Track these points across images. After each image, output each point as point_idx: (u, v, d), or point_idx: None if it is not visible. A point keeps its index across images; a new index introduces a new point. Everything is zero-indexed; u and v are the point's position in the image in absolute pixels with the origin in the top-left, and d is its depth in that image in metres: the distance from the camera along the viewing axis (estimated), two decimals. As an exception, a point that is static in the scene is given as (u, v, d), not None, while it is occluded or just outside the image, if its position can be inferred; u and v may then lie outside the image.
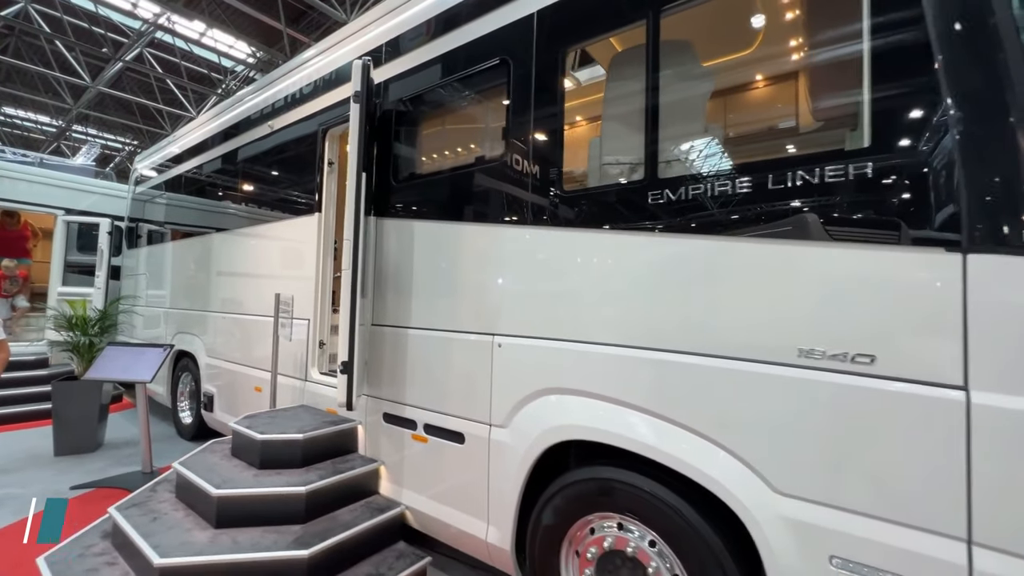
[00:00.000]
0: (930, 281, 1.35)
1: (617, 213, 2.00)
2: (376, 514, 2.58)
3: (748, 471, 1.61)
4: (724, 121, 1.99)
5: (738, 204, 1.68)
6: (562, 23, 2.21)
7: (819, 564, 1.47)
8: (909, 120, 1.42)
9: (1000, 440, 1.25)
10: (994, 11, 1.32)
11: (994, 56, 1.31)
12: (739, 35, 2.10)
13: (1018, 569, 1.22)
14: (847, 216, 1.49)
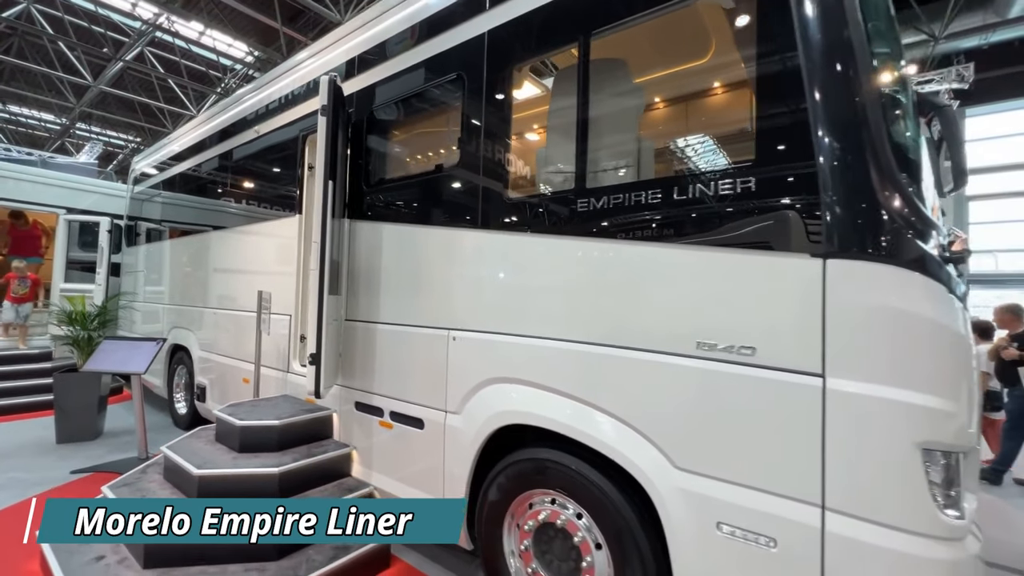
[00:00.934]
0: (797, 282, 1.55)
1: (551, 219, 2.20)
2: (345, 494, 2.81)
3: (655, 449, 1.82)
4: (638, 137, 2.18)
5: (648, 213, 1.88)
6: (509, 43, 2.41)
7: (709, 530, 1.68)
8: (784, 142, 1.62)
9: (847, 420, 1.46)
10: (854, 56, 1.50)
11: (852, 93, 1.50)
12: (655, 61, 2.28)
13: (858, 529, 1.43)
14: (734, 224, 1.69)
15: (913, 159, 1.68)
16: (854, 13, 1.54)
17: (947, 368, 1.44)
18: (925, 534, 1.38)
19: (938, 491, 1.42)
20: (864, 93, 1.49)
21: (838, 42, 1.53)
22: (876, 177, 1.46)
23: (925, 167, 1.83)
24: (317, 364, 2.66)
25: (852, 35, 1.52)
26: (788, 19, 1.59)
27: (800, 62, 1.57)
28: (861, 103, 1.49)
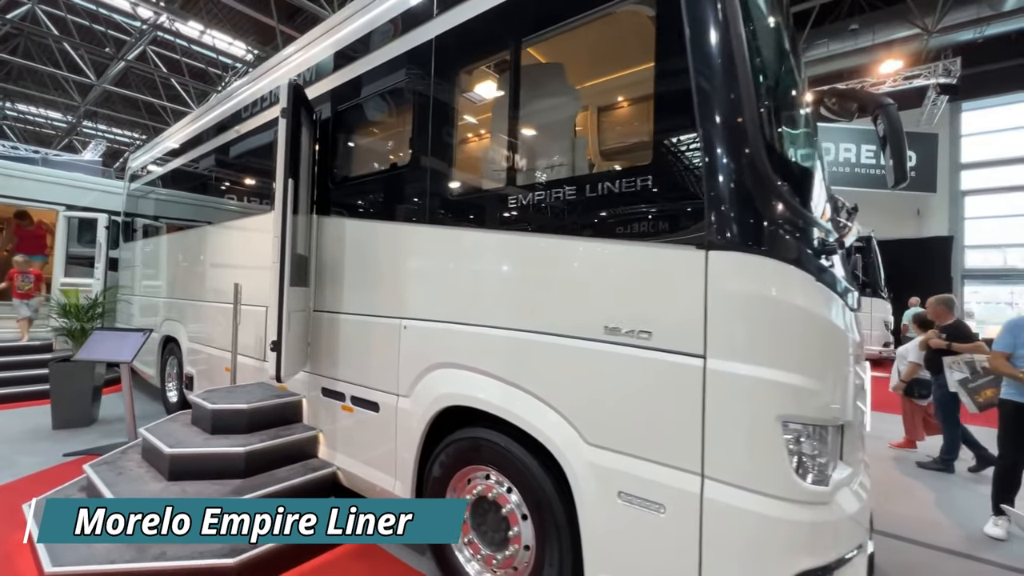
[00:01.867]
0: (685, 272, 1.70)
1: (480, 214, 2.36)
2: (309, 473, 3.00)
3: (569, 426, 1.98)
4: (558, 139, 2.33)
5: (563, 209, 2.03)
6: (453, 48, 2.56)
7: (611, 499, 1.84)
8: (675, 147, 1.76)
9: (722, 396, 1.61)
10: (735, 72, 1.63)
11: (730, 107, 1.64)
12: (574, 72, 2.42)
13: (729, 494, 1.58)
14: (635, 219, 1.84)
15: (794, 163, 1.82)
16: (738, 33, 1.66)
17: (809, 349, 1.59)
18: (784, 498, 1.53)
19: (798, 459, 1.57)
20: (741, 108, 1.61)
21: (720, 58, 1.65)
22: (749, 178, 1.61)
23: (808, 170, 1.96)
24: (278, 351, 2.84)
25: (734, 53, 1.64)
26: (681, 35, 1.72)
27: (690, 74, 1.70)
28: (737, 116, 1.62)
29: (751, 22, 1.75)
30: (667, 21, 1.77)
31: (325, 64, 3.34)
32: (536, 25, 2.17)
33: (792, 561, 1.53)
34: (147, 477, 2.87)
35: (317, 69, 3.40)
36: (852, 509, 1.71)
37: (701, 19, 1.69)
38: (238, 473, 2.83)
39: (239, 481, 2.79)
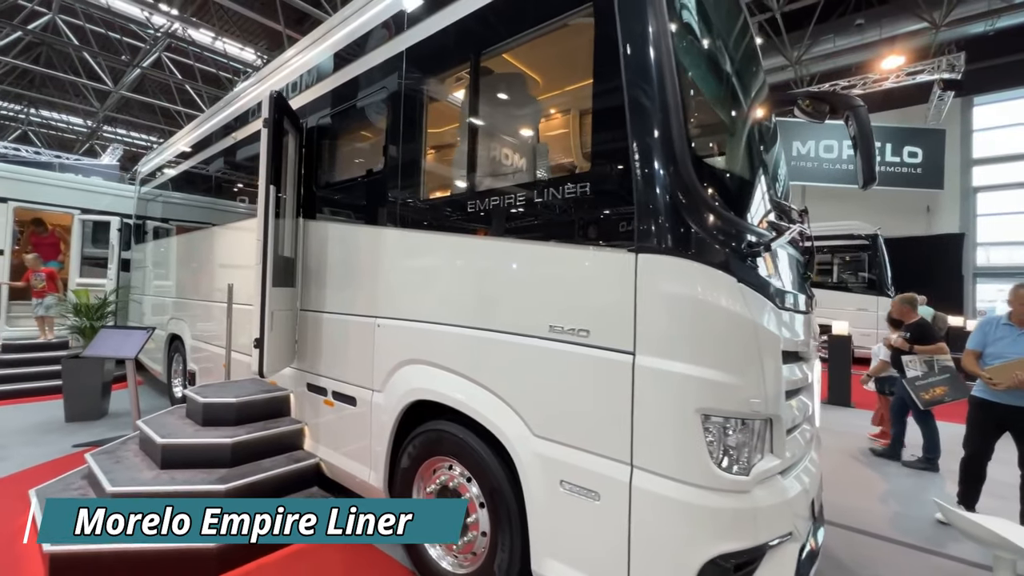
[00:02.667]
0: (617, 273, 1.80)
1: (445, 218, 2.49)
2: (293, 463, 3.17)
3: (519, 419, 2.10)
4: (511, 148, 2.44)
5: (514, 214, 2.15)
6: (421, 60, 2.69)
7: (554, 487, 1.95)
8: (609, 156, 1.86)
9: (648, 390, 1.71)
10: (663, 87, 1.73)
11: (657, 120, 1.73)
12: (530, 85, 2.53)
13: (654, 482, 1.69)
14: (576, 223, 1.95)
15: (722, 171, 1.91)
16: (667, 50, 1.75)
17: (728, 347, 1.68)
18: (703, 486, 1.63)
19: (720, 450, 1.66)
20: (667, 121, 1.70)
21: (647, 74, 1.75)
22: (673, 186, 1.70)
23: (738, 177, 2.04)
24: (260, 347, 3.01)
25: (662, 70, 1.73)
26: (614, 51, 1.82)
27: (622, 88, 1.80)
28: (662, 127, 1.71)
29: (685, 38, 1.84)
30: (603, 38, 1.87)
31: (307, 76, 3.51)
32: (489, 40, 2.29)
33: (710, 545, 1.63)
34: (142, 465, 3.06)
35: (301, 80, 3.57)
36: (778, 499, 1.80)
37: (632, 37, 1.79)
38: (225, 463, 3.00)
39: (226, 470, 2.96)
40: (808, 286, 2.75)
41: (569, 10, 1.99)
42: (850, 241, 11.64)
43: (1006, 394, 3.12)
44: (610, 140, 1.86)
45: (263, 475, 2.96)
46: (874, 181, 3.10)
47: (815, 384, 2.46)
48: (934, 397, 4.03)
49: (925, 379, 4.14)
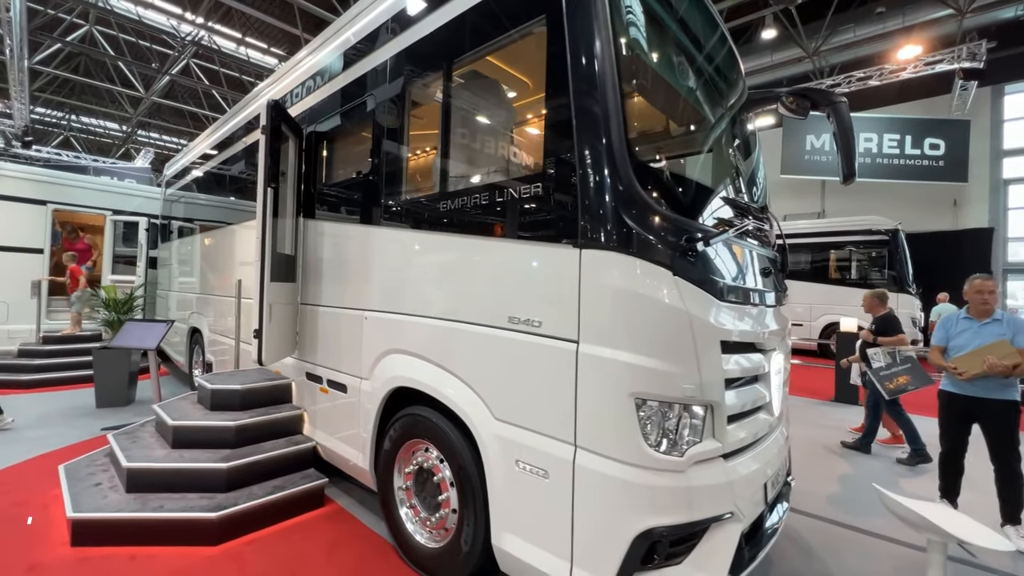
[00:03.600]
0: (564, 267, 1.94)
1: (422, 217, 2.66)
2: (292, 446, 3.41)
3: (483, 404, 2.26)
4: (479, 150, 2.58)
5: (478, 212, 2.31)
6: (392, 75, 2.87)
7: (511, 467, 2.11)
8: (558, 160, 1.99)
9: (589, 375, 1.84)
10: (605, 102, 1.85)
11: (598, 130, 1.85)
12: (496, 91, 2.67)
13: (594, 461, 1.82)
14: (530, 221, 2.09)
15: (665, 172, 2.01)
16: (610, 64, 1.87)
17: (661, 335, 1.80)
18: (636, 464, 1.76)
19: (655, 431, 1.79)
20: (607, 126, 1.83)
21: (591, 84, 1.87)
22: (612, 186, 1.82)
23: (683, 177, 2.13)
24: (259, 338, 3.25)
25: (604, 79, 1.85)
26: (561, 60, 1.95)
27: (568, 95, 1.93)
28: (603, 135, 1.83)
29: (631, 50, 1.96)
30: (552, 50, 2.00)
31: (304, 85, 3.75)
32: (456, 53, 2.45)
33: (642, 519, 1.75)
34: (155, 445, 3.35)
35: (295, 92, 3.82)
36: (717, 480, 1.91)
37: (577, 51, 1.91)
38: (229, 443, 3.27)
39: (229, 450, 3.22)
40: (778, 281, 2.81)
41: (525, 22, 2.13)
42: (868, 237, 11.34)
43: (971, 385, 3.16)
44: (559, 144, 1.99)
45: (262, 456, 3.21)
46: (853, 177, 3.14)
47: (779, 374, 2.53)
48: (898, 386, 4.21)
49: (888, 369, 4.32)
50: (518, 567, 2.09)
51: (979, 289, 3.23)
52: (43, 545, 2.75)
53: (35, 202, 7.55)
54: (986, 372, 3.02)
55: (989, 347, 3.09)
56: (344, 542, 2.89)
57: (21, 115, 12.38)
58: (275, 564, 2.63)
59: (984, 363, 3.03)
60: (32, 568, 2.53)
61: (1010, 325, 3.15)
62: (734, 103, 2.86)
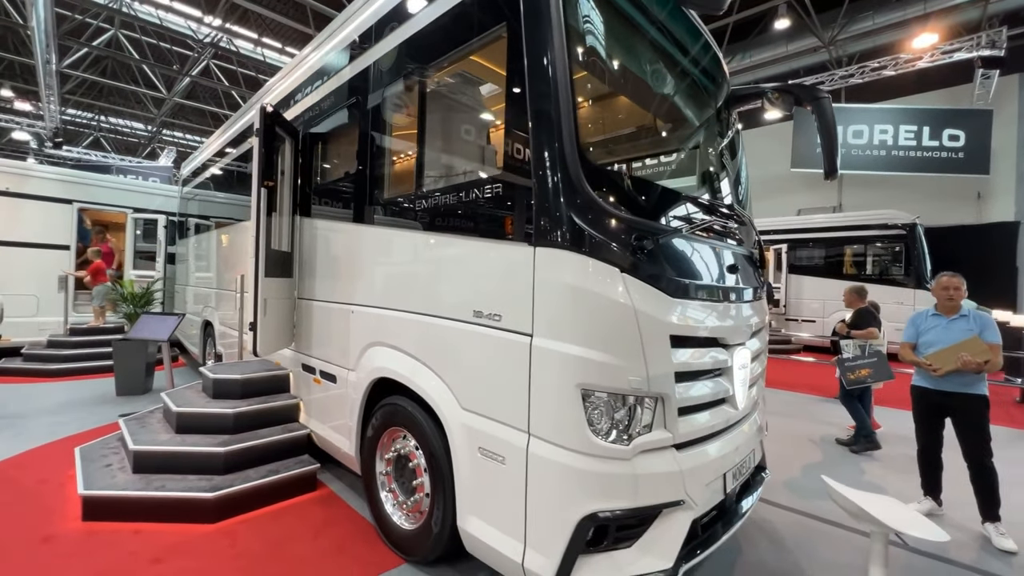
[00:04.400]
0: (521, 264, 2.03)
1: (398, 215, 2.78)
2: (287, 433, 3.59)
3: (451, 394, 2.38)
4: (448, 151, 2.68)
5: (445, 211, 2.42)
6: (374, 79, 2.99)
7: (474, 453, 2.22)
8: (516, 162, 2.08)
9: (541, 367, 1.94)
10: (558, 108, 1.93)
11: (551, 134, 1.93)
12: (460, 100, 2.76)
13: (545, 448, 1.92)
14: (492, 220, 2.19)
15: (616, 173, 2.09)
16: (564, 71, 1.94)
17: (607, 329, 1.88)
18: (581, 452, 1.85)
19: (599, 420, 1.87)
20: (559, 131, 1.91)
21: (544, 91, 1.95)
22: (562, 187, 1.91)
23: (636, 178, 2.19)
24: (254, 330, 3.44)
25: (557, 87, 1.93)
26: (521, 72, 2.04)
27: (524, 100, 2.02)
28: (555, 139, 1.92)
29: (587, 59, 2.03)
30: (511, 57, 2.09)
31: (298, 90, 3.92)
32: (426, 61, 2.56)
33: (586, 503, 1.85)
34: (161, 430, 3.58)
35: (295, 94, 3.98)
36: (665, 469, 1.99)
37: (533, 60, 1.99)
38: (228, 429, 3.47)
39: (228, 436, 3.42)
40: (750, 277, 2.85)
41: (487, 30, 2.22)
42: (885, 231, 11.05)
43: (942, 380, 3.21)
44: (516, 148, 2.08)
45: (258, 441, 3.40)
46: (835, 173, 3.16)
47: (744, 369, 2.57)
48: (858, 378, 4.41)
49: (855, 361, 4.49)
50: (480, 548, 2.21)
51: (945, 286, 3.32)
52: (58, 519, 2.99)
53: (61, 201, 7.97)
54: (960, 368, 3.05)
55: (963, 344, 3.12)
56: (331, 523, 3.06)
57: (52, 117, 12.96)
58: (264, 541, 2.81)
59: (958, 360, 3.06)
60: (47, 539, 2.77)
61: (976, 321, 3.24)
62: (703, 103, 2.90)
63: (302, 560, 2.65)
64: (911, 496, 3.53)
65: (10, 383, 6.55)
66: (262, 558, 2.65)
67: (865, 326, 4.81)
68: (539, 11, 1.99)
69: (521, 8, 2.04)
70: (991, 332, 3.16)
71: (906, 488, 3.74)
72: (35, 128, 15.21)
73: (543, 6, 1.98)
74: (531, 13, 2.01)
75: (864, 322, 4.86)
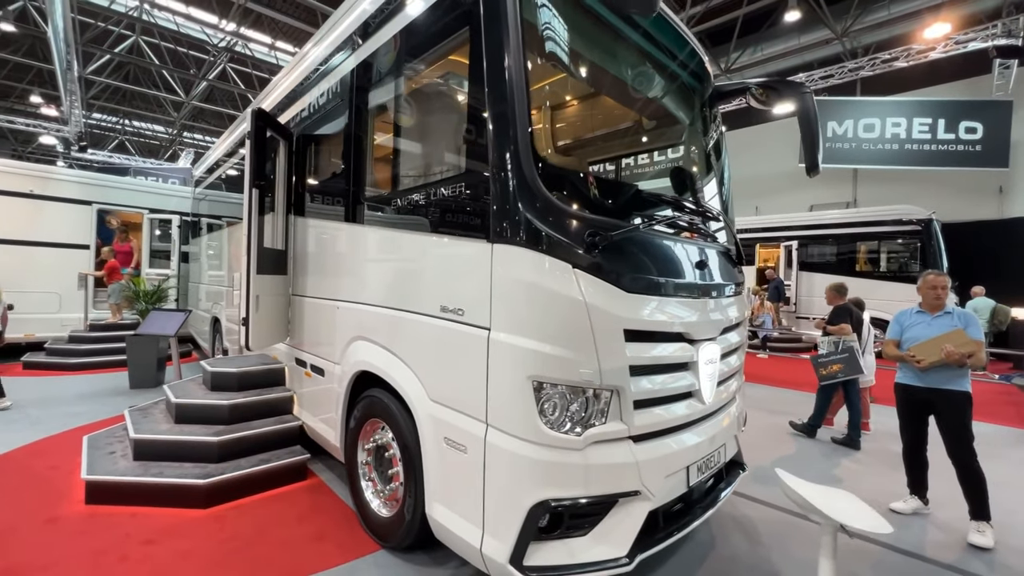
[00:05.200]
0: (480, 261, 2.11)
1: (374, 214, 2.88)
2: (280, 424, 3.74)
3: (421, 385, 2.46)
4: (418, 155, 2.77)
5: (414, 210, 2.50)
6: (351, 86, 3.09)
7: (440, 443, 2.31)
8: (476, 164, 2.15)
9: (497, 360, 2.01)
10: (513, 113, 1.99)
11: (506, 138, 2.00)
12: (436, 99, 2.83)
13: (501, 438, 1.99)
14: (456, 219, 2.26)
15: (570, 173, 2.14)
16: (519, 78, 2.00)
17: (559, 323, 1.94)
18: (533, 441, 1.92)
19: (553, 411, 1.94)
20: (513, 134, 1.97)
21: (500, 97, 2.02)
22: (517, 186, 1.97)
23: (586, 178, 2.24)
24: (246, 325, 3.58)
25: (512, 93, 1.99)
26: (481, 79, 2.11)
27: (484, 106, 2.08)
28: (510, 152, 1.98)
29: (545, 66, 2.09)
30: (473, 61, 2.16)
31: (289, 95, 4.07)
32: (394, 72, 2.65)
33: (537, 491, 1.92)
34: (162, 420, 3.76)
35: (288, 98, 4.12)
36: (620, 460, 2.04)
37: (492, 66, 2.06)
38: (223, 420, 3.63)
39: (223, 426, 3.58)
40: (721, 273, 2.86)
41: (448, 38, 2.30)
42: (899, 227, 10.78)
43: (926, 376, 3.18)
44: (476, 150, 2.15)
45: (251, 432, 3.55)
46: (816, 169, 3.15)
47: (711, 364, 2.59)
48: (830, 373, 4.56)
49: (827, 357, 4.61)
50: (445, 534, 2.30)
51: (932, 285, 3.31)
52: (63, 502, 3.18)
53: (81, 202, 8.33)
54: (943, 360, 3.02)
55: (946, 336, 3.09)
56: (317, 510, 3.18)
57: (76, 122, 13.49)
58: (252, 525, 2.95)
59: (942, 351, 3.03)
60: (50, 520, 2.95)
61: (960, 318, 3.22)
62: (665, 101, 2.92)
63: (284, 543, 2.77)
64: (894, 494, 3.50)
65: (34, 376, 6.90)
66: (248, 541, 2.79)
67: (836, 322, 4.90)
68: (497, 22, 2.05)
69: (481, 17, 2.11)
70: (974, 329, 3.14)
71: (890, 485, 3.70)
72: (61, 132, 15.82)
73: (501, 15, 2.04)
74: (490, 23, 2.07)
75: (837, 318, 4.94)
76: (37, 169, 8.37)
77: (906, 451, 3.39)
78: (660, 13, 2.72)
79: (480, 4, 2.11)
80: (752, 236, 12.80)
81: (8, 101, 20.50)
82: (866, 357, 4.91)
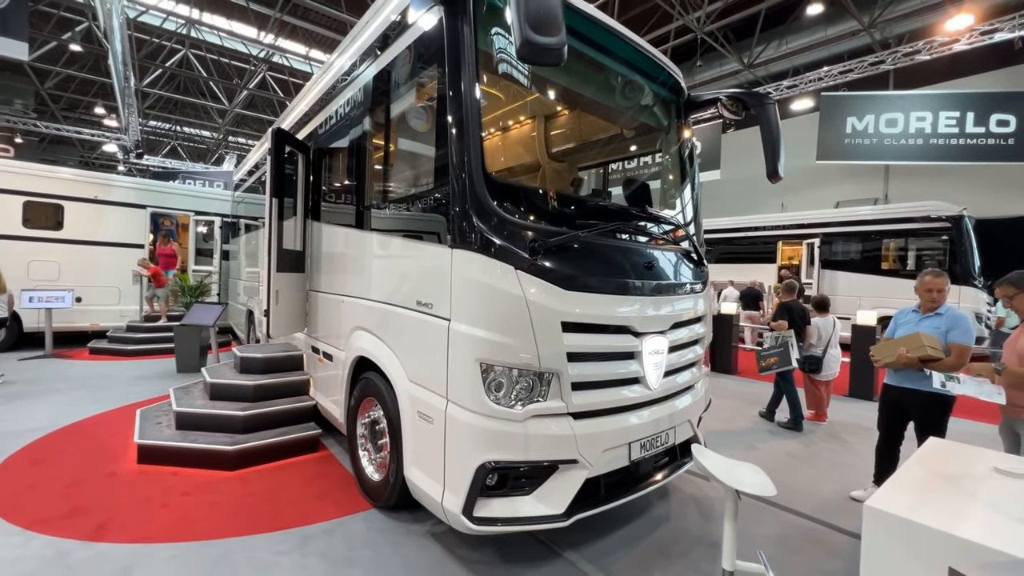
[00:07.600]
0: (443, 262, 2.51)
1: (369, 220, 3.34)
2: (297, 403, 4.29)
3: (402, 368, 2.90)
4: (399, 170, 3.19)
5: (397, 217, 2.93)
6: (351, 106, 3.55)
7: (415, 417, 2.73)
8: (439, 176, 2.55)
9: (455, 346, 2.42)
10: (466, 132, 2.38)
11: (461, 154, 2.39)
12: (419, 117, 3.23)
13: (457, 410, 2.40)
14: (427, 225, 2.68)
15: (516, 186, 2.49)
16: (471, 100, 2.39)
17: (502, 316, 2.31)
18: (479, 412, 2.31)
19: (501, 388, 2.32)
20: (468, 153, 2.36)
21: (455, 118, 2.41)
22: (469, 198, 2.36)
23: (533, 190, 2.59)
24: (267, 317, 4.13)
25: (466, 114, 2.38)
26: (443, 106, 2.51)
27: (447, 128, 2.48)
28: (465, 172, 2.37)
29: (496, 89, 2.46)
30: (438, 92, 2.56)
31: (307, 112, 4.60)
32: (378, 101, 3.08)
33: (483, 453, 2.30)
34: (199, 397, 4.39)
35: (302, 120, 4.68)
36: (558, 432, 2.40)
37: (450, 88, 2.46)
38: (249, 398, 4.21)
39: (248, 403, 4.16)
40: (673, 272, 3.15)
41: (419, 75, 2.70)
42: (928, 224, 10.44)
43: (896, 375, 3.25)
44: (441, 167, 2.56)
45: (272, 408, 4.11)
46: (777, 175, 3.41)
47: (657, 355, 2.88)
48: (769, 365, 4.95)
49: (768, 350, 4.98)
50: (417, 491, 2.73)
51: (928, 287, 3.28)
52: (120, 461, 3.83)
53: (136, 206, 9.30)
54: (897, 361, 3.13)
55: (904, 338, 3.17)
56: (323, 476, 3.70)
57: (133, 131, 14.81)
58: (267, 485, 3.49)
59: (898, 355, 3.12)
60: (110, 474, 3.59)
61: (947, 320, 3.20)
62: (615, 113, 3.22)
63: (292, 501, 3.29)
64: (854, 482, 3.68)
65: (98, 360, 7.85)
66: (263, 497, 3.32)
67: (776, 319, 5.35)
68: (457, 59, 2.44)
69: (445, 54, 2.50)
70: (957, 332, 3.11)
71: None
72: (121, 141, 17.33)
73: (460, 52, 2.43)
74: (452, 59, 2.47)
75: (778, 315, 5.39)
76: (100, 177, 9.41)
77: (878, 445, 3.50)
78: (609, 31, 3.02)
79: (444, 51, 2.50)
80: (772, 234, 12.64)
81: (76, 112, 22.56)
82: (830, 351, 5.19)
